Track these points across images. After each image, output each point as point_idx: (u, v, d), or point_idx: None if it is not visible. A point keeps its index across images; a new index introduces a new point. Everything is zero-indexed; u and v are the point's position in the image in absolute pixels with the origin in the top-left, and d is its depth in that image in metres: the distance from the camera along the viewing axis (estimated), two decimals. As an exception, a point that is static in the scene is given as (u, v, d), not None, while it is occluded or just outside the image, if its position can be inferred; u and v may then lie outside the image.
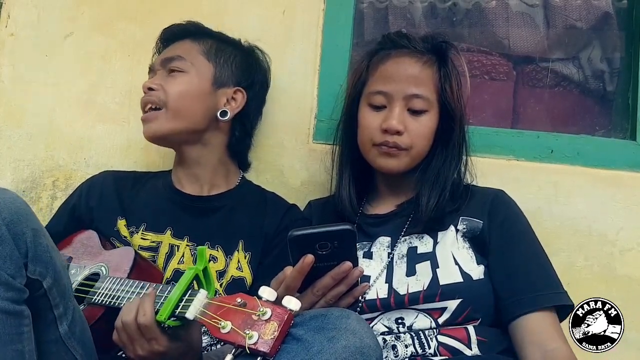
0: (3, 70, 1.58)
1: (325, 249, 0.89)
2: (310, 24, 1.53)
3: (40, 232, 0.86)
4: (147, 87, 1.25)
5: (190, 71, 1.26)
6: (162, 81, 1.25)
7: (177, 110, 1.23)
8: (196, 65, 1.27)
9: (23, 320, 0.83)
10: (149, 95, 1.25)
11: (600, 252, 1.36)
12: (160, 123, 1.24)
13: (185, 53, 1.28)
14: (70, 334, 0.90)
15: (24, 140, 1.55)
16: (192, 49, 1.30)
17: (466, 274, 1.05)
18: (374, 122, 1.15)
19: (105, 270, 1.10)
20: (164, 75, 1.27)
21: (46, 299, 0.86)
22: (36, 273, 0.84)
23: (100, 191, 1.29)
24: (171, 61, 1.27)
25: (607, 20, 1.60)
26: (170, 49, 1.32)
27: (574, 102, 1.61)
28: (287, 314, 0.77)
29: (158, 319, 0.85)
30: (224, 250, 1.21)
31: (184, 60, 1.27)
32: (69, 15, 1.59)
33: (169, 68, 1.27)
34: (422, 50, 1.17)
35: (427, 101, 1.13)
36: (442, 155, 1.16)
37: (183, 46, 1.31)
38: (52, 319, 0.88)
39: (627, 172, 1.40)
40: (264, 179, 1.47)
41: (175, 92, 1.24)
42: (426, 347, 1.02)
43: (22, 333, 0.82)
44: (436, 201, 1.12)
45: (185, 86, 1.25)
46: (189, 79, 1.26)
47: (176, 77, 1.25)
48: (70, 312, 0.90)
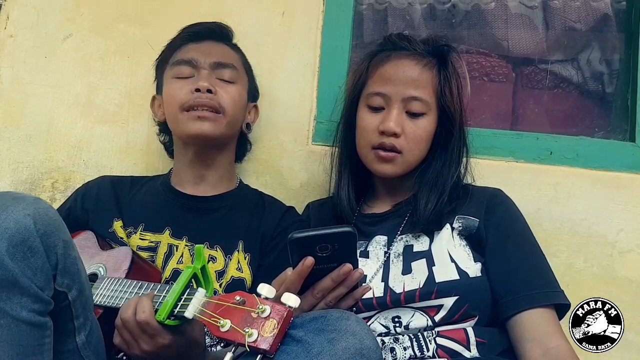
0: (2, 71, 1.58)
1: (325, 251, 0.89)
2: (310, 26, 1.53)
3: (70, 243, 0.85)
4: (207, 88, 1.22)
5: (238, 82, 1.30)
6: (218, 86, 1.25)
7: (232, 118, 1.27)
8: (241, 77, 1.32)
9: (45, 332, 0.82)
10: (210, 99, 1.22)
11: (599, 254, 1.36)
12: (218, 127, 1.24)
13: (235, 62, 1.31)
14: (86, 344, 0.89)
15: (23, 141, 1.55)
16: (237, 59, 1.33)
17: (463, 272, 1.05)
18: (372, 123, 1.15)
19: (103, 270, 1.10)
20: (216, 80, 1.26)
21: (69, 310, 0.86)
22: (64, 285, 0.83)
23: (97, 194, 1.30)
24: (224, 68, 1.28)
25: (606, 22, 1.60)
26: (215, 52, 1.29)
27: (573, 104, 1.61)
28: (286, 310, 0.76)
29: (157, 318, 0.85)
30: (223, 250, 1.21)
31: (236, 70, 1.30)
32: (69, 17, 1.59)
33: (220, 75, 1.27)
34: (422, 52, 1.16)
35: (425, 104, 1.13)
36: (442, 159, 1.16)
37: (229, 53, 1.32)
38: (71, 330, 0.87)
39: (626, 174, 1.40)
40: (264, 180, 1.47)
41: (232, 102, 1.26)
42: (425, 350, 1.02)
43: (44, 344, 0.82)
44: (434, 205, 1.12)
45: (237, 97, 1.28)
46: (239, 90, 1.30)
47: (231, 87, 1.27)
48: (89, 323, 0.90)
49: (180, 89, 1.24)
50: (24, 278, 0.77)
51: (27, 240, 0.78)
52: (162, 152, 1.48)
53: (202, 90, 1.22)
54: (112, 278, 1.04)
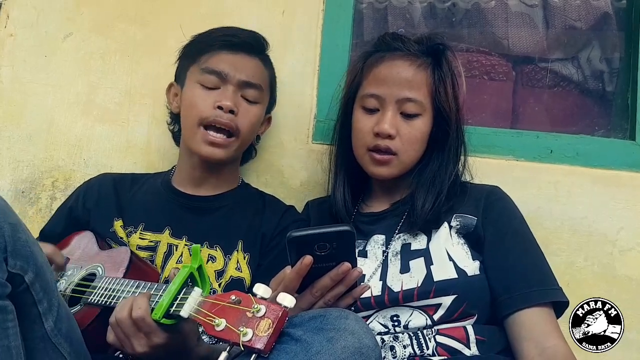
0: (2, 70, 1.58)
1: (324, 250, 0.89)
2: (310, 25, 1.53)
3: (19, 226, 0.85)
4: (230, 108, 1.21)
5: (260, 103, 1.29)
6: (240, 106, 1.23)
7: (245, 140, 1.27)
8: (264, 97, 1.30)
9: (7, 316, 0.82)
10: (230, 120, 1.21)
11: (600, 252, 1.36)
12: (228, 152, 1.24)
13: (263, 82, 1.29)
14: (56, 331, 0.89)
15: (24, 140, 1.55)
16: (264, 77, 1.30)
17: (461, 270, 1.05)
18: (367, 125, 1.15)
19: (101, 270, 1.10)
20: (240, 100, 1.24)
21: (29, 293, 0.85)
22: (17, 267, 0.83)
23: (98, 193, 1.30)
24: (250, 88, 1.25)
25: (606, 21, 1.60)
26: (246, 68, 1.26)
27: (574, 102, 1.61)
28: (281, 310, 0.76)
29: (153, 317, 0.85)
30: (223, 250, 1.21)
31: (262, 91, 1.28)
32: (69, 16, 1.59)
33: (245, 94, 1.25)
34: (416, 52, 1.16)
35: (420, 105, 1.13)
36: (438, 159, 1.16)
37: (259, 71, 1.29)
38: (36, 315, 0.87)
39: (626, 172, 1.40)
40: (264, 179, 1.48)
41: (249, 125, 1.25)
42: (424, 348, 1.02)
43: (7, 328, 0.82)
44: (432, 205, 1.12)
45: (255, 120, 1.28)
46: (259, 111, 1.29)
47: (252, 108, 1.26)
48: (55, 309, 0.89)
49: (204, 100, 1.22)
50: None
51: None
52: (162, 151, 1.49)
53: (225, 109, 1.21)
54: (109, 277, 1.05)
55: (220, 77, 1.23)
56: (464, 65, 1.61)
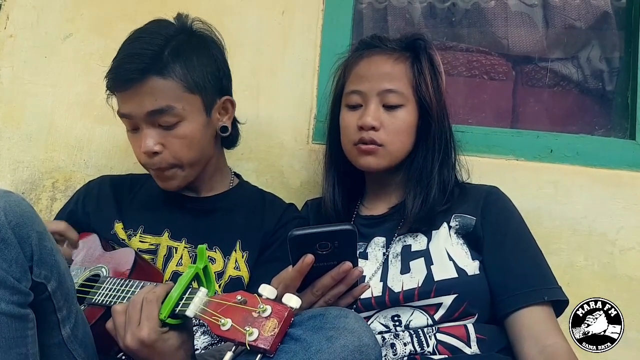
0: (2, 71, 1.58)
1: (325, 249, 0.89)
2: (310, 25, 1.53)
3: (45, 235, 0.86)
4: (150, 152, 1.12)
5: (185, 116, 1.13)
6: (162, 139, 1.13)
7: (193, 162, 1.18)
8: (187, 107, 1.13)
9: (28, 324, 0.82)
10: (159, 162, 1.14)
11: (600, 252, 1.36)
12: (181, 179, 1.18)
13: (170, 100, 1.11)
14: (72, 337, 0.89)
15: (24, 141, 1.55)
16: (172, 90, 1.11)
17: (461, 270, 1.06)
18: (352, 121, 1.16)
19: (105, 271, 1.10)
20: (158, 131, 1.13)
21: (50, 302, 0.86)
22: (41, 276, 0.83)
23: (97, 196, 1.29)
24: (160, 115, 1.11)
25: (606, 20, 1.60)
26: (146, 97, 1.11)
27: (573, 102, 1.61)
28: (287, 311, 0.77)
29: (159, 317, 0.85)
30: (222, 251, 1.20)
31: (174, 109, 1.11)
32: (68, 17, 1.59)
33: (158, 123, 1.12)
34: (394, 47, 1.19)
35: (401, 96, 1.14)
36: (423, 152, 1.16)
37: (160, 90, 1.11)
38: (55, 322, 0.87)
39: (626, 172, 1.40)
40: (264, 179, 1.48)
41: (185, 149, 1.14)
42: (425, 346, 1.02)
43: (27, 337, 0.82)
44: (421, 200, 1.12)
45: (189, 136, 1.14)
46: (188, 126, 1.14)
47: (177, 131, 1.13)
48: (73, 315, 0.90)
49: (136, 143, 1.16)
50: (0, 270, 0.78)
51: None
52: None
53: (147, 154, 1.13)
54: (114, 278, 1.05)
55: (128, 118, 1.15)
56: (464, 65, 1.62)
